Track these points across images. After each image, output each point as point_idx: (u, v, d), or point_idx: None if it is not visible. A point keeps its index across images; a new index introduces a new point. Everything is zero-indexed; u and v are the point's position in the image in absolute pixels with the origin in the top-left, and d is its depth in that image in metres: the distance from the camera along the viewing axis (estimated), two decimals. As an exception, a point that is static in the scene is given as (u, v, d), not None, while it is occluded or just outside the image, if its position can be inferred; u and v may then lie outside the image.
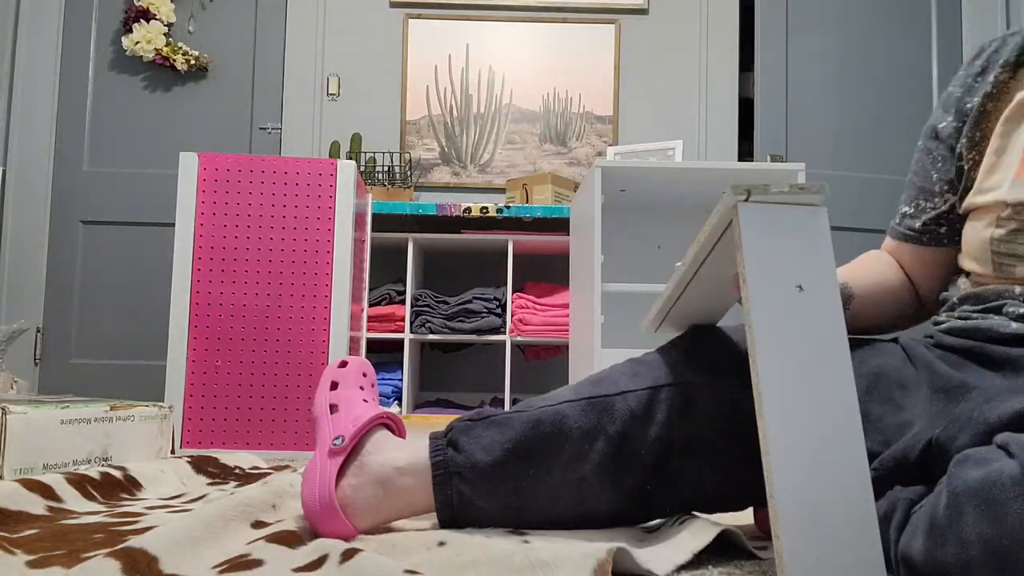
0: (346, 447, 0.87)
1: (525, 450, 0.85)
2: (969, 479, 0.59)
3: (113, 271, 3.35)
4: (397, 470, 0.87)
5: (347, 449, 0.87)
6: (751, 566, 0.78)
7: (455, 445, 0.87)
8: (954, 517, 0.59)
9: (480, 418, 0.89)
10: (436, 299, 2.99)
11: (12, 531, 0.88)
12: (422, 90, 3.50)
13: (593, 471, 0.84)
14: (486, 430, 0.87)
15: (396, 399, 2.89)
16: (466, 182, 3.49)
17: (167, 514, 1.02)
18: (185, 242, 1.95)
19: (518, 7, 3.52)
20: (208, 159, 1.98)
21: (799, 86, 3.30)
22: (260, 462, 1.60)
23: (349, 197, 2.00)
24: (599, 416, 0.85)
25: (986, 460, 0.60)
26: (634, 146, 3.33)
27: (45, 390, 3.22)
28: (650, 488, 0.85)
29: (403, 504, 0.87)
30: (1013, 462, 0.57)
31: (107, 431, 1.38)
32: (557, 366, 3.24)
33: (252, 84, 3.47)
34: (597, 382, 0.89)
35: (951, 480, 0.62)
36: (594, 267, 1.95)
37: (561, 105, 3.51)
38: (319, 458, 0.88)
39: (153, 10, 3.37)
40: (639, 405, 0.84)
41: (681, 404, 0.84)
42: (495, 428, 0.87)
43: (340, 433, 0.89)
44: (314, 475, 0.86)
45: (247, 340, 1.93)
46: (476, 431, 0.88)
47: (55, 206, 3.38)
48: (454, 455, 0.86)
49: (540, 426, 0.86)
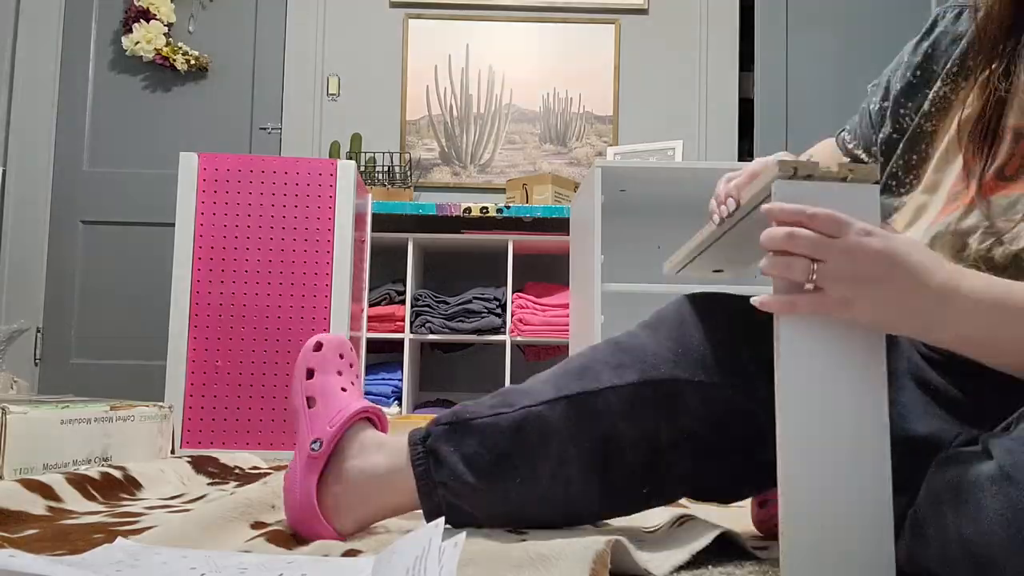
0: (323, 453, 0.84)
1: (508, 458, 0.83)
2: (948, 479, 0.59)
3: (113, 271, 3.35)
4: (379, 477, 0.84)
5: (326, 454, 0.84)
6: (751, 566, 0.78)
7: (436, 454, 0.84)
8: (934, 517, 0.60)
9: (458, 421, 0.85)
10: (436, 299, 2.99)
11: (12, 531, 0.88)
12: (422, 90, 3.50)
13: (579, 473, 0.83)
14: (465, 438, 0.84)
15: (396, 399, 2.89)
16: (466, 182, 3.49)
17: (167, 514, 1.02)
18: (185, 242, 1.95)
19: (518, 7, 3.52)
20: (208, 159, 1.98)
21: (799, 86, 3.30)
22: (260, 462, 1.60)
23: (349, 197, 2.00)
24: (582, 418, 0.82)
25: (967, 461, 0.60)
26: (634, 146, 3.33)
27: (45, 390, 3.22)
28: (639, 484, 0.84)
29: (389, 507, 0.86)
30: (992, 463, 0.57)
31: (107, 431, 1.38)
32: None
33: (252, 84, 3.47)
34: (579, 374, 0.85)
35: (931, 480, 0.62)
36: (594, 267, 1.95)
37: (561, 105, 3.51)
38: (298, 464, 0.86)
39: (153, 10, 3.37)
40: (623, 405, 0.81)
41: (668, 404, 0.81)
42: (476, 436, 0.84)
43: (318, 436, 0.85)
44: (294, 481, 0.85)
45: (247, 340, 1.93)
46: (456, 439, 0.84)
47: (55, 206, 3.38)
48: (436, 466, 0.84)
49: (522, 432, 0.83)
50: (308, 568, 0.67)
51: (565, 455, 0.83)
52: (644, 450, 0.82)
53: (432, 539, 0.58)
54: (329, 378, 0.90)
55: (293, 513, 0.85)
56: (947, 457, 0.63)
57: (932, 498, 0.60)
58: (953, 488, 0.58)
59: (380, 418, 0.91)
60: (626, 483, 0.84)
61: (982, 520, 0.55)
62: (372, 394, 2.88)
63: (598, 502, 0.85)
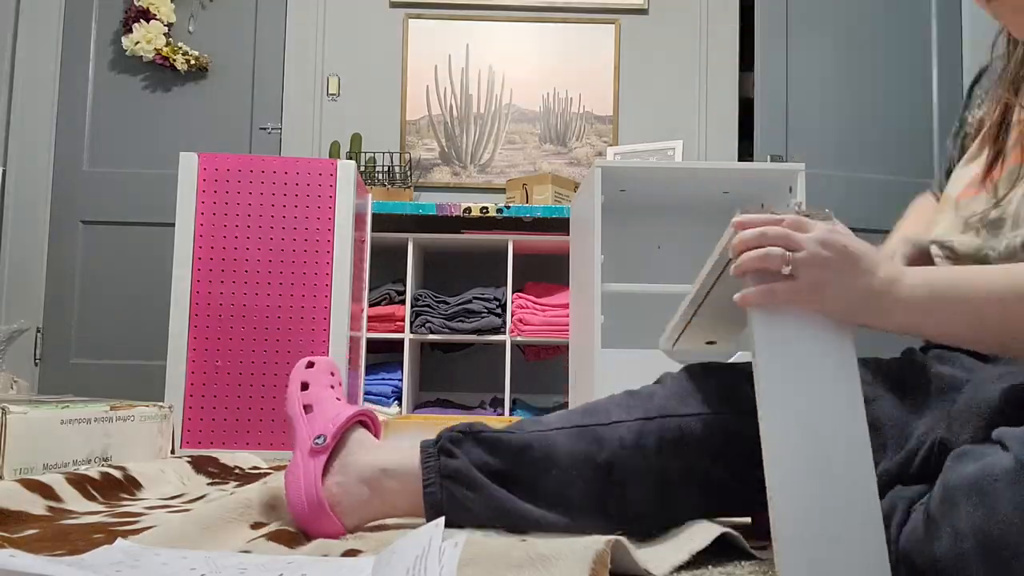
0: (328, 446, 0.87)
1: (512, 472, 0.86)
2: (964, 472, 0.60)
3: (113, 271, 3.35)
4: (383, 471, 0.87)
5: (329, 447, 0.87)
6: (751, 566, 0.78)
7: (446, 452, 0.87)
8: (948, 510, 0.60)
9: (470, 432, 0.89)
10: (436, 299, 2.99)
11: (12, 531, 0.88)
12: (422, 90, 3.50)
13: (581, 497, 0.84)
14: (475, 447, 0.87)
15: (396, 399, 2.89)
16: (466, 182, 3.49)
17: (167, 514, 1.02)
18: (185, 242, 1.95)
19: (518, 7, 3.52)
20: (208, 159, 1.98)
21: (799, 86, 3.30)
22: (260, 462, 1.60)
23: (349, 197, 2.00)
24: (588, 444, 0.85)
25: (982, 454, 0.61)
26: (634, 146, 3.33)
27: (45, 390, 3.22)
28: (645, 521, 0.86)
29: (388, 506, 0.88)
30: (1007, 455, 0.58)
31: (107, 431, 1.38)
32: (557, 366, 3.24)
33: (252, 84, 3.47)
34: (590, 412, 0.89)
35: (946, 474, 0.62)
36: (594, 267, 1.95)
37: (561, 105, 3.51)
38: (300, 458, 0.88)
39: (153, 10, 3.37)
40: (629, 435, 0.85)
41: (674, 435, 0.84)
42: (483, 447, 0.87)
43: (320, 432, 0.88)
44: (298, 476, 0.87)
45: (247, 340, 1.93)
46: (466, 446, 0.88)
47: (55, 206, 3.38)
48: (445, 463, 0.86)
49: (529, 450, 0.86)
50: (308, 568, 0.67)
51: (569, 478, 0.85)
52: (651, 484, 0.84)
53: (432, 539, 0.58)
54: (323, 390, 0.96)
55: (298, 508, 0.85)
56: (962, 452, 0.64)
57: (947, 493, 0.61)
58: (969, 482, 0.59)
59: (375, 423, 0.95)
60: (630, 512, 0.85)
61: (998, 510, 0.56)
62: (372, 394, 2.88)
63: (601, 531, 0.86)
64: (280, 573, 0.65)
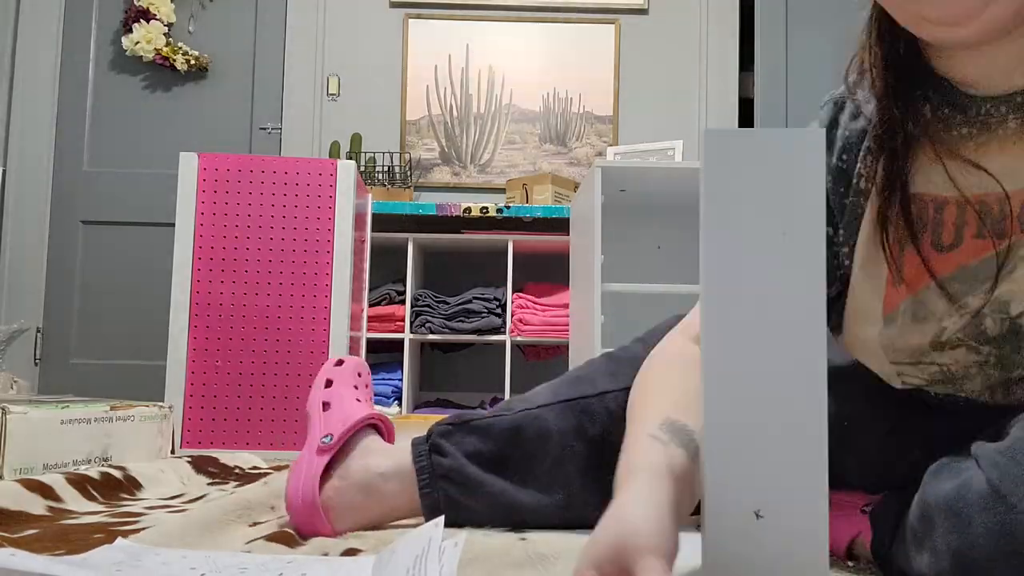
0: (333, 446, 0.87)
1: (507, 457, 0.86)
2: (939, 491, 0.60)
3: (113, 271, 3.35)
4: (381, 475, 0.87)
5: (334, 448, 0.87)
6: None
7: (438, 450, 0.87)
8: (926, 527, 0.60)
9: (460, 422, 0.89)
10: (436, 299, 2.99)
11: (12, 531, 0.88)
12: (422, 90, 3.50)
13: (577, 473, 0.84)
14: (466, 436, 0.87)
15: (396, 399, 2.89)
16: (466, 182, 3.49)
17: (167, 514, 1.02)
18: (185, 242, 1.95)
19: (518, 7, 3.52)
20: (208, 159, 1.98)
21: (799, 86, 3.30)
22: (260, 462, 1.60)
23: (349, 197, 2.00)
24: (578, 418, 0.85)
25: (959, 471, 0.60)
26: (634, 146, 3.33)
27: (45, 390, 3.22)
28: None
29: (386, 509, 0.88)
30: (981, 477, 0.57)
31: (107, 431, 1.38)
32: (557, 366, 3.23)
33: (252, 84, 3.47)
34: (575, 382, 0.89)
35: (924, 490, 0.62)
36: (594, 267, 1.95)
37: (561, 105, 3.51)
38: (307, 455, 0.88)
39: (153, 10, 3.37)
40: (619, 406, 0.83)
41: None
42: (476, 435, 0.87)
43: (329, 431, 0.89)
44: (300, 472, 0.87)
45: (247, 340, 1.93)
46: (456, 437, 0.88)
47: (55, 206, 3.38)
48: (438, 459, 0.86)
49: (521, 432, 0.86)
50: (308, 568, 0.67)
51: (563, 455, 0.84)
52: None
53: (432, 538, 0.58)
54: (345, 390, 0.95)
55: (292, 504, 0.85)
56: (940, 466, 0.63)
57: (924, 509, 0.61)
58: (945, 503, 0.58)
59: (388, 429, 0.95)
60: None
61: (971, 533, 0.56)
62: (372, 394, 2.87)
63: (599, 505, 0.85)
64: (280, 573, 0.65)
